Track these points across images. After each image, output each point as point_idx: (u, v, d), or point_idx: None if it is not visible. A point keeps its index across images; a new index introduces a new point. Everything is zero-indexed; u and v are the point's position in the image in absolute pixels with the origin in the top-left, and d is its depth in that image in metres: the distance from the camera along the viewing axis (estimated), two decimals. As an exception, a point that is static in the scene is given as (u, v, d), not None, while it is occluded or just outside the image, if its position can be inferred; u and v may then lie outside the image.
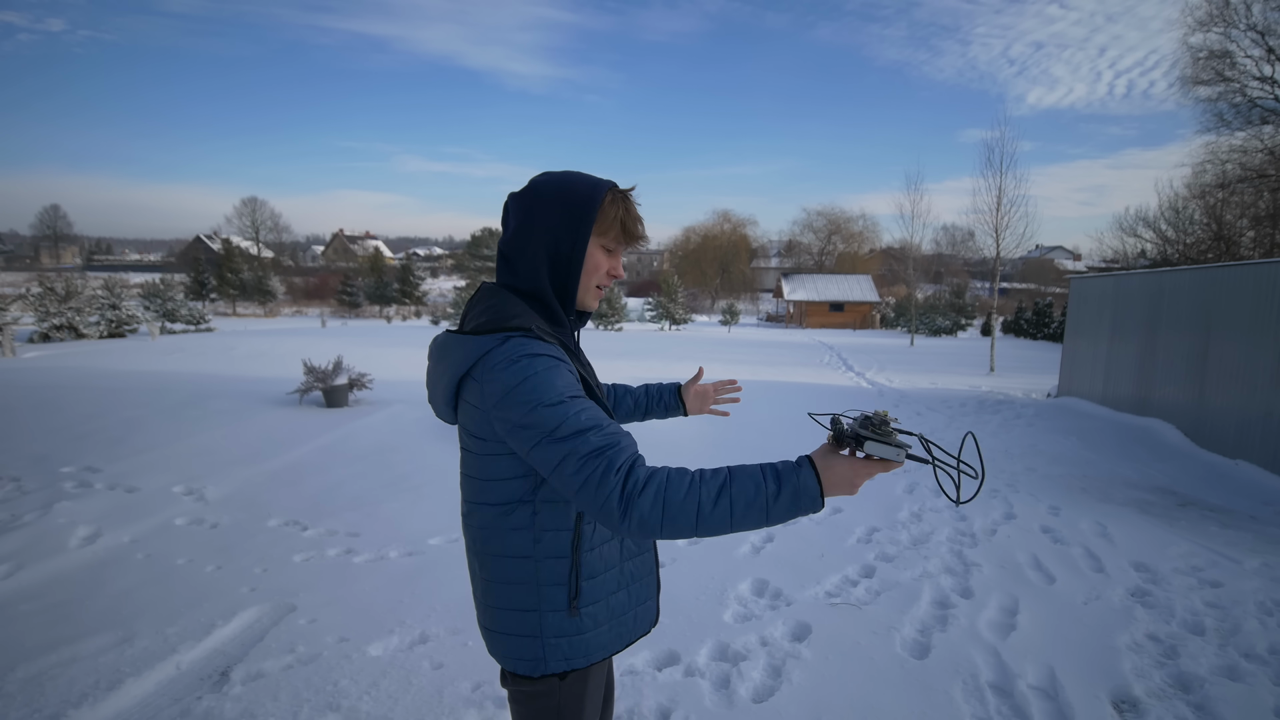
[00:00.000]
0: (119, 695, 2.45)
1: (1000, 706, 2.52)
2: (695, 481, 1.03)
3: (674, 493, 1.01)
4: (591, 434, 1.05)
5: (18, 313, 17.82)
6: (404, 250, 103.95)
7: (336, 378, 8.08)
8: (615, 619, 1.27)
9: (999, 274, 20.39)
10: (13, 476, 4.99)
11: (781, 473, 1.04)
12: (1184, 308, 8.09)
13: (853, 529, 4.42)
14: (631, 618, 1.30)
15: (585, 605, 1.22)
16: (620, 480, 1.02)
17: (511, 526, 1.19)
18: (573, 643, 1.22)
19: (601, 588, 1.24)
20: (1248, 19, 18.98)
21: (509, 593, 1.22)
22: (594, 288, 1.27)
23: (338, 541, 4.04)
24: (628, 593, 1.29)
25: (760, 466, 1.06)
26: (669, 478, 1.03)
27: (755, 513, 1.03)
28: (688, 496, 1.01)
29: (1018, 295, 48.42)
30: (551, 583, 1.20)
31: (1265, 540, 4.56)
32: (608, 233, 1.23)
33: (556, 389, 1.07)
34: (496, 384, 1.08)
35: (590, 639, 1.24)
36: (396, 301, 46.44)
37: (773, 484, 1.03)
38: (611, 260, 1.27)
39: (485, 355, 1.11)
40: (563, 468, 1.05)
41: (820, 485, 1.04)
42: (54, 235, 77.66)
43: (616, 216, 1.23)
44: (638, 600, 1.31)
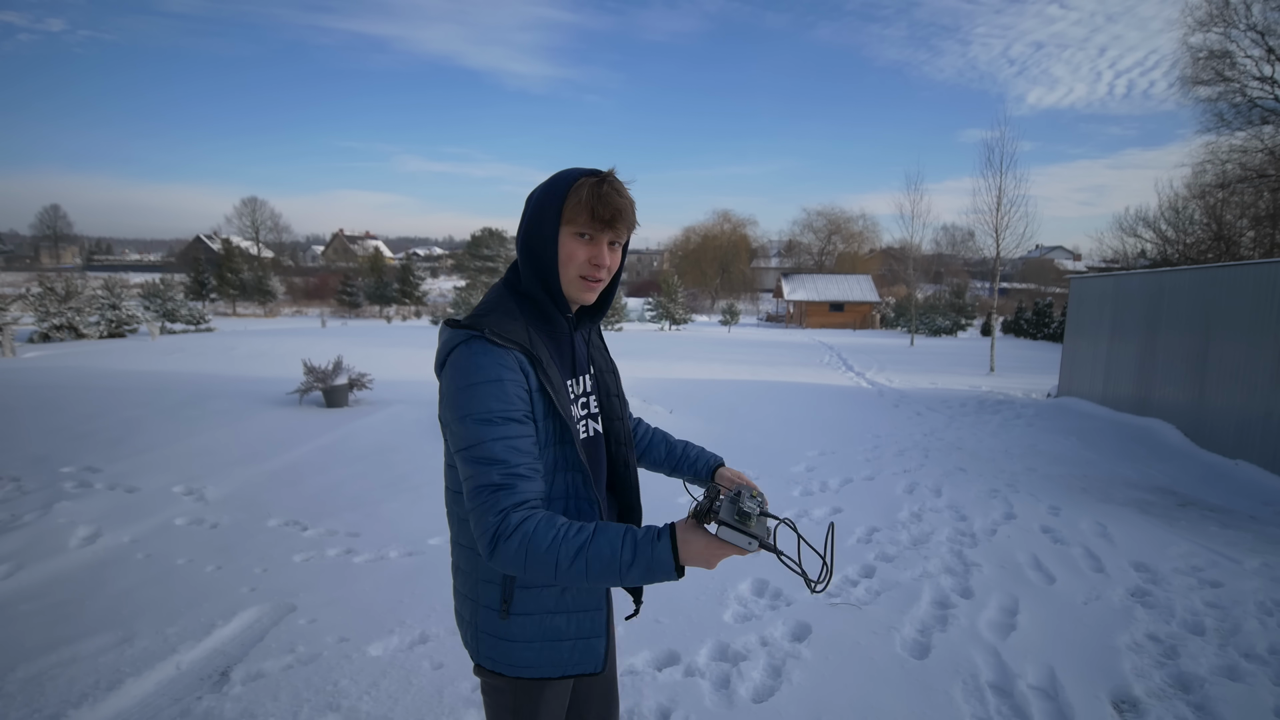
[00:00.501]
0: (119, 695, 2.45)
1: (1000, 706, 2.52)
2: (558, 539, 1.06)
3: (536, 546, 1.05)
4: (495, 469, 1.09)
5: (18, 313, 17.83)
6: (404, 250, 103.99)
7: (336, 378, 8.08)
8: (549, 642, 1.23)
9: (999, 274, 20.39)
10: (13, 476, 4.99)
11: (639, 544, 1.06)
12: (1184, 308, 8.09)
13: (853, 529, 4.42)
14: (569, 649, 1.25)
15: (517, 613, 1.22)
16: (497, 521, 1.07)
17: (460, 515, 1.25)
18: (498, 646, 1.23)
19: (536, 602, 1.22)
20: (1248, 19, 18.98)
21: (461, 578, 1.29)
22: (577, 278, 1.23)
23: (338, 541, 4.04)
24: (568, 619, 1.25)
25: (624, 532, 1.08)
26: (536, 530, 1.06)
27: (610, 575, 1.06)
28: (547, 552, 1.05)
29: (1018, 295, 48.42)
30: (487, 579, 1.23)
31: (1265, 540, 4.56)
32: (576, 218, 1.19)
33: (485, 408, 1.10)
34: (446, 380, 1.16)
35: (518, 650, 1.22)
36: (396, 301, 46.44)
37: (628, 553, 1.05)
38: (591, 248, 1.22)
39: (450, 351, 1.16)
40: (465, 484, 1.12)
41: (675, 558, 1.05)
42: (54, 235, 77.64)
43: (582, 201, 1.18)
44: (579, 633, 1.26)
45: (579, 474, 1.22)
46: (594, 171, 1.22)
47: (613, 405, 1.40)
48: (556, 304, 1.25)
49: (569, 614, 1.25)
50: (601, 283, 1.26)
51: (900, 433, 8.04)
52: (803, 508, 4.87)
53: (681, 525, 1.08)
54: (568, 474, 1.22)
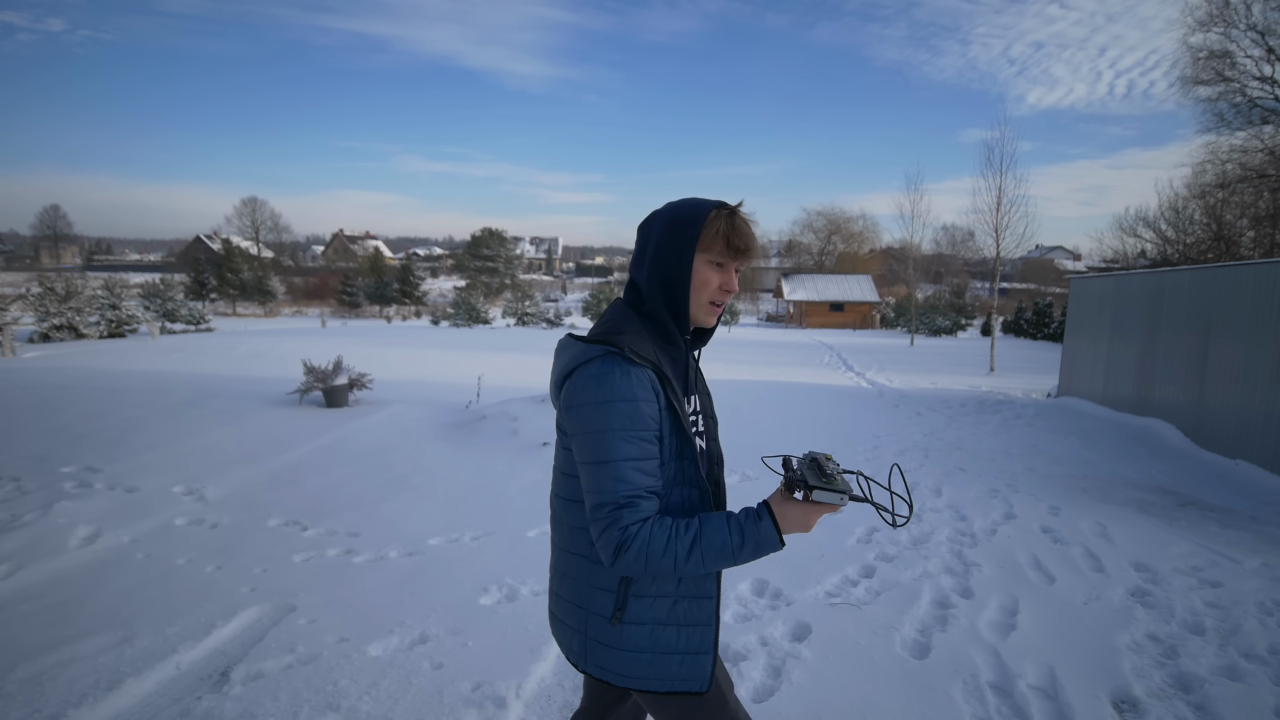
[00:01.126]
0: (119, 695, 2.45)
1: (1000, 706, 2.52)
2: (671, 538, 1.15)
3: (654, 549, 1.14)
4: (622, 487, 1.16)
5: (18, 313, 17.83)
6: (404, 250, 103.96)
7: (336, 378, 8.08)
8: (659, 653, 1.26)
9: (999, 274, 20.39)
10: (13, 476, 4.99)
11: (745, 526, 1.17)
12: (1184, 308, 8.09)
13: (853, 529, 4.42)
14: (678, 662, 1.27)
15: (629, 622, 1.25)
16: (619, 535, 1.15)
17: (574, 524, 1.29)
18: (609, 654, 1.26)
19: (649, 612, 1.25)
20: (1248, 19, 18.97)
21: (570, 586, 1.32)
22: (706, 304, 1.31)
23: (338, 541, 4.04)
24: (678, 632, 1.27)
25: (726, 519, 1.18)
26: (651, 535, 1.15)
27: (724, 560, 1.17)
28: (665, 553, 1.15)
29: (1018, 295, 48.41)
30: (601, 587, 1.27)
31: (1265, 540, 4.56)
32: (712, 248, 1.27)
33: (619, 427, 1.16)
34: (579, 393, 1.20)
35: (629, 659, 1.25)
36: (396, 301, 46.45)
37: (737, 537, 1.17)
38: (723, 275, 1.30)
39: (584, 364, 1.21)
40: (589, 494, 1.19)
41: (778, 530, 1.17)
42: (54, 235, 77.63)
43: (719, 231, 1.26)
44: (689, 647, 1.27)
45: (696, 489, 1.26)
46: (722, 203, 1.30)
47: (710, 426, 1.45)
48: (680, 327, 1.31)
49: (679, 627, 1.27)
50: (723, 307, 1.34)
51: (900, 433, 8.04)
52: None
53: (774, 500, 1.20)
54: (685, 489, 1.26)
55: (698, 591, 1.28)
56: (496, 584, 3.45)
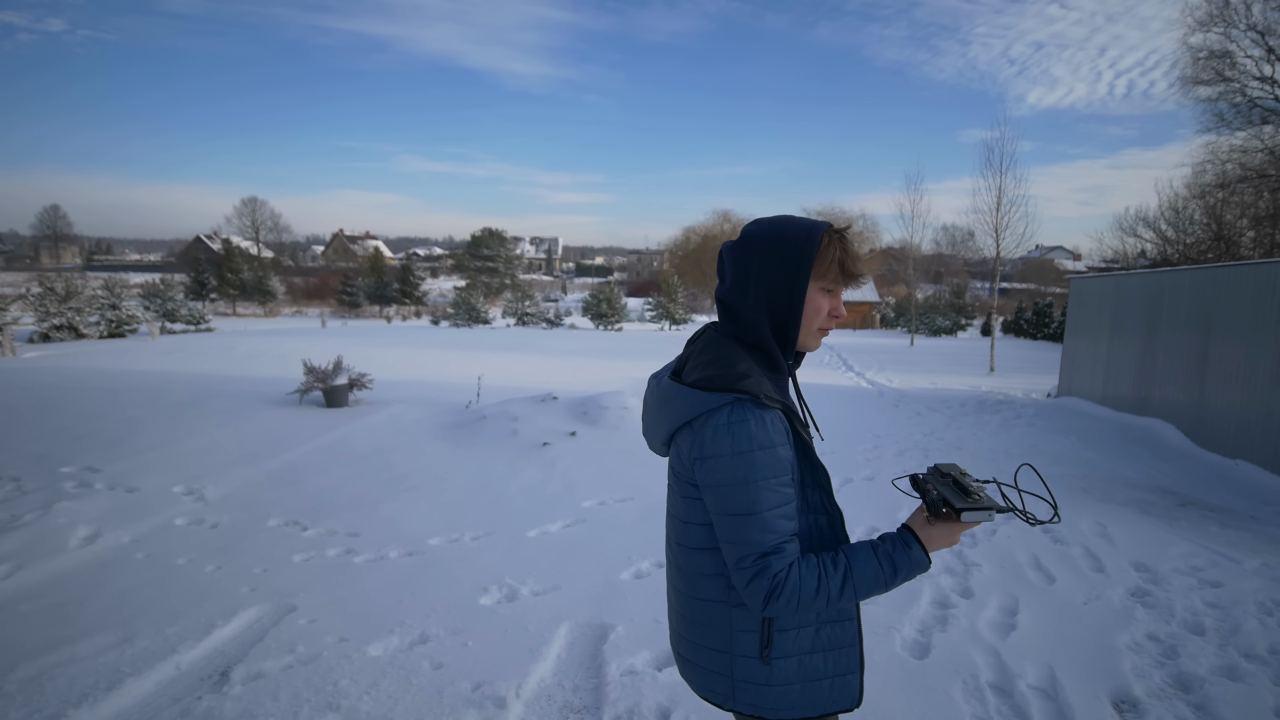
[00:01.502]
0: (119, 695, 2.45)
1: (1000, 706, 2.52)
2: (822, 578, 1.14)
3: (806, 593, 1.13)
4: (770, 537, 1.13)
5: (18, 313, 17.82)
6: (404, 250, 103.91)
7: (336, 378, 8.08)
8: (809, 682, 1.25)
9: (999, 274, 20.38)
10: (13, 476, 4.99)
11: (895, 556, 1.16)
12: (1184, 308, 8.09)
13: (853, 529, 4.42)
14: (828, 686, 1.26)
15: (777, 657, 1.23)
16: (768, 584, 1.13)
17: (703, 571, 1.25)
18: (761, 691, 1.24)
19: (795, 643, 1.24)
20: (1248, 19, 18.96)
21: (704, 632, 1.27)
22: (816, 331, 1.26)
23: (338, 541, 4.04)
24: (825, 658, 1.26)
25: (873, 549, 1.17)
26: (802, 579, 1.13)
27: (877, 589, 1.17)
28: (818, 594, 1.14)
29: (1018, 295, 48.40)
30: (744, 629, 1.23)
31: (1265, 540, 4.56)
32: (826, 274, 1.21)
33: (762, 476, 1.13)
34: (710, 445, 1.15)
35: (780, 694, 1.24)
36: (396, 301, 46.44)
37: (889, 567, 1.16)
38: (833, 300, 1.25)
39: (710, 414, 1.16)
40: (731, 545, 1.16)
41: (927, 553, 1.17)
42: (54, 235, 77.60)
43: (834, 258, 1.20)
44: (837, 670, 1.27)
45: (825, 515, 1.26)
46: (825, 224, 1.23)
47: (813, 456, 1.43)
48: (786, 355, 1.26)
49: (825, 652, 1.26)
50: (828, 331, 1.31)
51: (900, 433, 8.04)
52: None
53: (917, 523, 1.19)
54: (812, 516, 1.25)
55: (839, 615, 1.28)
56: (496, 584, 3.45)
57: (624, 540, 4.07)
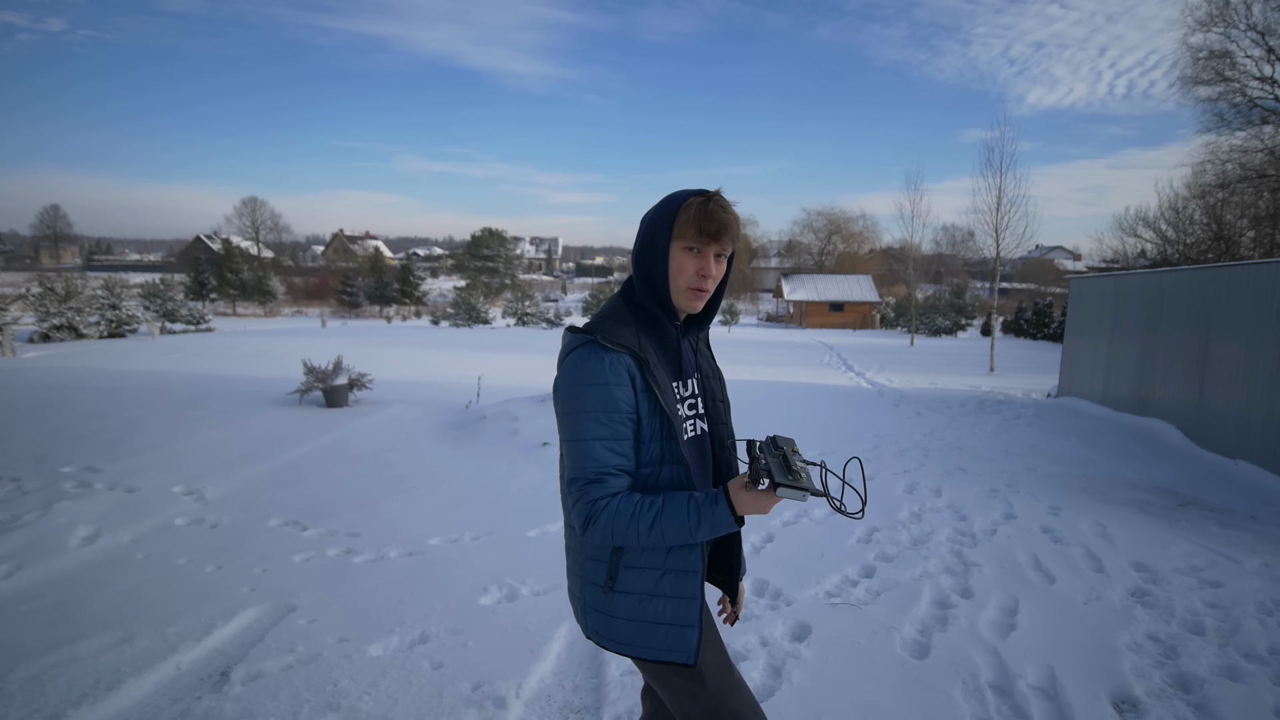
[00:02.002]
0: (119, 695, 2.45)
1: (1000, 706, 2.52)
2: (635, 513, 1.25)
3: (619, 522, 1.25)
4: (591, 465, 1.26)
5: (18, 313, 17.82)
6: (404, 250, 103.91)
7: (336, 378, 8.08)
8: (647, 622, 1.34)
9: (999, 274, 20.39)
10: (13, 476, 4.99)
11: (702, 508, 1.26)
12: (1184, 308, 8.09)
13: (853, 529, 4.42)
14: (664, 633, 1.34)
15: (620, 590, 1.34)
16: (587, 508, 1.26)
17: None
18: (603, 619, 1.36)
19: (638, 582, 1.34)
20: (1248, 19, 18.97)
21: (572, 558, 1.43)
22: (686, 290, 1.35)
23: (338, 541, 4.04)
24: (665, 604, 1.34)
25: (687, 500, 1.27)
26: (618, 510, 1.25)
27: (683, 536, 1.27)
28: (629, 527, 1.25)
29: (1018, 295, 48.39)
30: (595, 557, 1.36)
31: (1265, 540, 4.56)
32: (684, 234, 1.32)
33: (590, 408, 1.26)
34: (560, 378, 1.32)
35: (620, 626, 1.34)
36: (396, 301, 46.45)
37: (694, 517, 1.26)
38: (698, 260, 1.34)
39: (569, 352, 1.32)
40: (565, 470, 1.31)
41: (734, 512, 1.25)
42: (54, 235, 77.60)
43: (691, 218, 1.31)
44: (675, 619, 1.34)
45: (683, 467, 1.33)
46: (702, 191, 1.34)
47: (717, 410, 1.51)
48: (666, 313, 1.38)
49: (667, 599, 1.34)
50: (707, 293, 1.38)
51: (900, 433, 8.04)
52: (802, 507, 4.86)
53: (735, 486, 1.26)
54: (674, 467, 1.33)
55: (683, 565, 1.34)
56: (496, 584, 3.45)
57: (624, 540, 4.07)
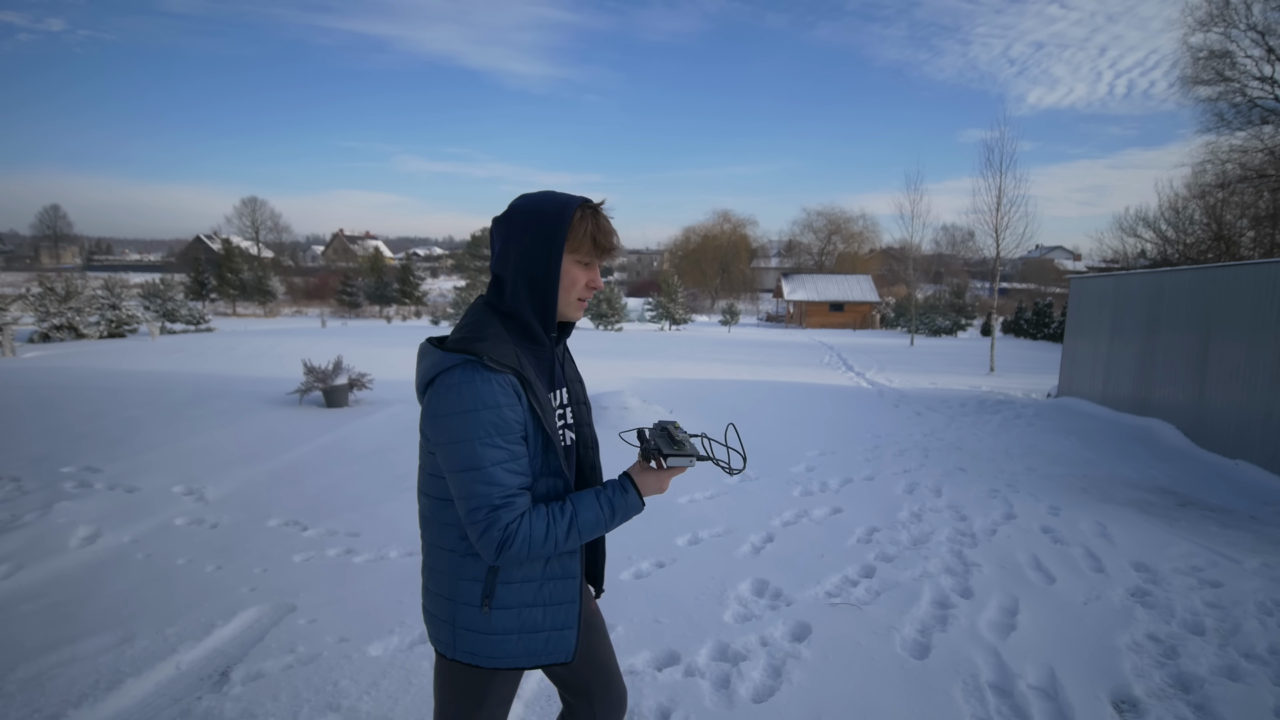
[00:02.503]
0: (119, 695, 2.45)
1: (1000, 706, 2.52)
2: (550, 525, 1.24)
3: (535, 540, 1.23)
4: (496, 491, 1.20)
5: (18, 313, 17.83)
6: (404, 250, 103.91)
7: (336, 378, 8.08)
8: (527, 633, 1.33)
9: (999, 274, 20.39)
10: (13, 476, 4.99)
11: (613, 499, 1.30)
12: (1184, 308, 8.09)
13: (853, 529, 4.42)
14: (544, 639, 1.34)
15: (498, 607, 1.30)
16: (499, 535, 1.21)
17: (444, 521, 1.32)
18: (479, 639, 1.31)
19: (516, 596, 1.31)
20: (1248, 19, 18.98)
21: (439, 579, 1.35)
22: (574, 300, 1.35)
23: (338, 541, 4.04)
24: (544, 612, 1.33)
25: (596, 496, 1.30)
26: (532, 529, 1.23)
27: (599, 530, 1.29)
28: (546, 540, 1.24)
29: (1018, 295, 48.40)
30: (470, 578, 1.31)
31: (1265, 540, 4.56)
32: (579, 248, 1.29)
33: (485, 434, 1.20)
34: (441, 403, 1.21)
35: (497, 642, 1.31)
36: (396, 301, 46.45)
37: (606, 509, 1.29)
38: (589, 273, 1.34)
39: (443, 373, 1.22)
40: (462, 502, 1.22)
41: (640, 496, 1.31)
42: (54, 235, 77.62)
43: (586, 232, 1.29)
44: (554, 625, 1.35)
45: (560, 479, 1.33)
46: (583, 199, 1.31)
47: (581, 412, 1.50)
48: (544, 325, 1.33)
49: (545, 607, 1.34)
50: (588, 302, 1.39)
51: (900, 433, 8.04)
52: (803, 507, 4.87)
53: (634, 470, 1.33)
54: (550, 479, 1.32)
55: (562, 573, 1.35)
56: (496, 584, 3.44)
57: (624, 540, 4.07)
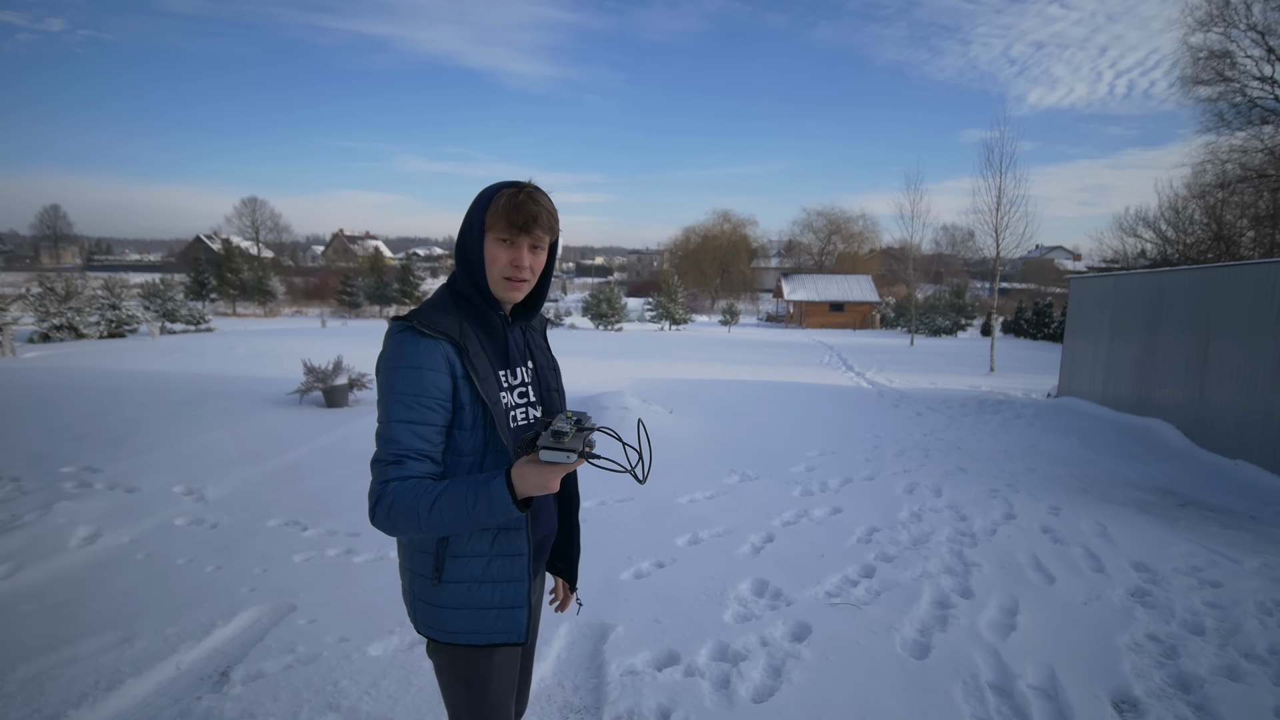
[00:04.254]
0: (119, 695, 2.45)
1: (1000, 706, 2.52)
2: (416, 495, 1.22)
3: (398, 504, 1.22)
4: (391, 446, 1.25)
5: (18, 313, 17.81)
6: (404, 250, 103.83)
7: (336, 378, 8.08)
8: (475, 609, 1.35)
9: (999, 274, 20.39)
10: (13, 476, 4.99)
11: (479, 487, 1.22)
12: (1184, 308, 8.09)
13: (853, 529, 4.42)
14: (494, 617, 1.36)
15: (447, 580, 1.34)
16: (378, 489, 1.24)
17: None
18: (432, 611, 1.35)
19: (464, 570, 1.34)
20: (1248, 19, 18.98)
21: (401, 552, 1.42)
22: (501, 279, 1.37)
23: (338, 541, 4.04)
24: (493, 589, 1.35)
25: (469, 481, 1.23)
26: (401, 491, 1.23)
27: (461, 519, 1.22)
28: (407, 507, 1.22)
29: (1018, 295, 48.39)
30: (421, 550, 1.36)
31: (1265, 540, 4.56)
32: (496, 225, 1.33)
33: (399, 391, 1.26)
34: (378, 361, 1.32)
35: (449, 616, 1.35)
36: (396, 301, 46.39)
37: (471, 496, 1.22)
38: (512, 252, 1.35)
39: (388, 339, 1.32)
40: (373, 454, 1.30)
41: (513, 493, 1.20)
42: (54, 235, 77.57)
43: (500, 209, 1.32)
44: (503, 602, 1.36)
45: (504, 455, 1.33)
46: (515, 183, 1.36)
47: (552, 400, 1.52)
48: (488, 302, 1.39)
49: (494, 584, 1.35)
50: (526, 283, 1.39)
51: (900, 433, 8.04)
52: (803, 507, 4.87)
53: (517, 463, 1.22)
54: (496, 455, 1.33)
55: (509, 549, 1.36)
56: (496, 584, 3.44)
57: (624, 540, 4.07)
